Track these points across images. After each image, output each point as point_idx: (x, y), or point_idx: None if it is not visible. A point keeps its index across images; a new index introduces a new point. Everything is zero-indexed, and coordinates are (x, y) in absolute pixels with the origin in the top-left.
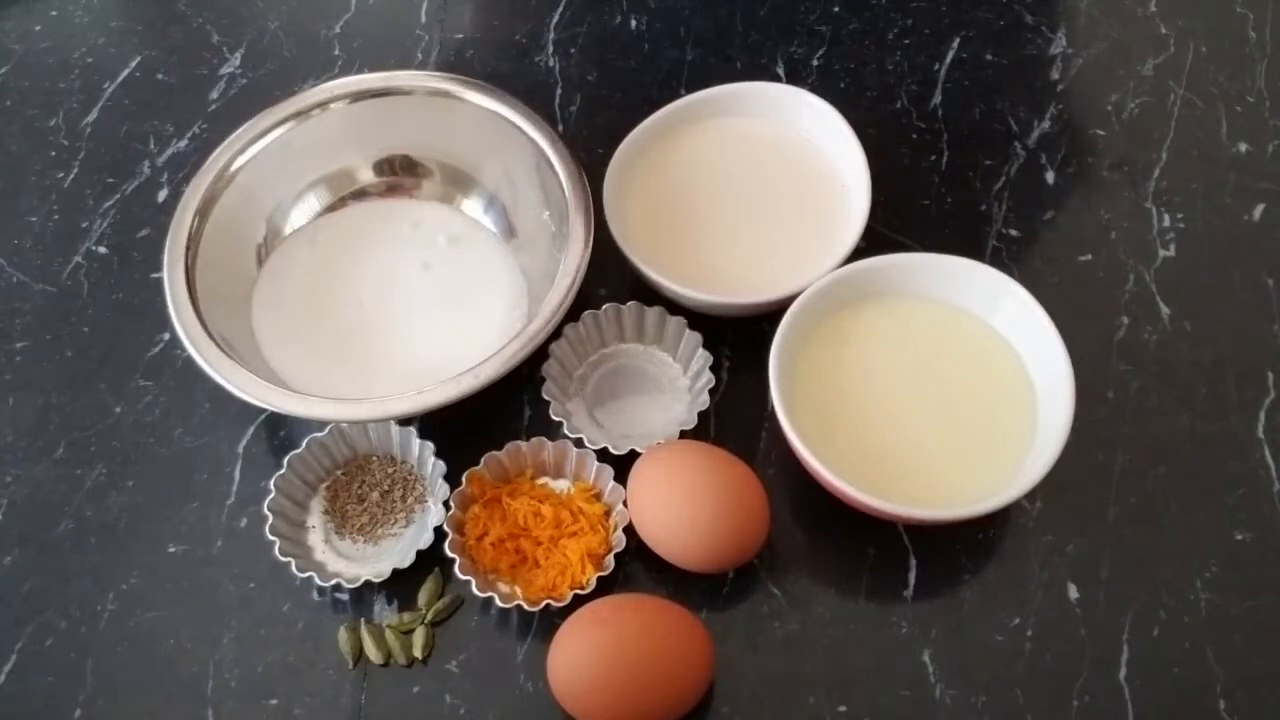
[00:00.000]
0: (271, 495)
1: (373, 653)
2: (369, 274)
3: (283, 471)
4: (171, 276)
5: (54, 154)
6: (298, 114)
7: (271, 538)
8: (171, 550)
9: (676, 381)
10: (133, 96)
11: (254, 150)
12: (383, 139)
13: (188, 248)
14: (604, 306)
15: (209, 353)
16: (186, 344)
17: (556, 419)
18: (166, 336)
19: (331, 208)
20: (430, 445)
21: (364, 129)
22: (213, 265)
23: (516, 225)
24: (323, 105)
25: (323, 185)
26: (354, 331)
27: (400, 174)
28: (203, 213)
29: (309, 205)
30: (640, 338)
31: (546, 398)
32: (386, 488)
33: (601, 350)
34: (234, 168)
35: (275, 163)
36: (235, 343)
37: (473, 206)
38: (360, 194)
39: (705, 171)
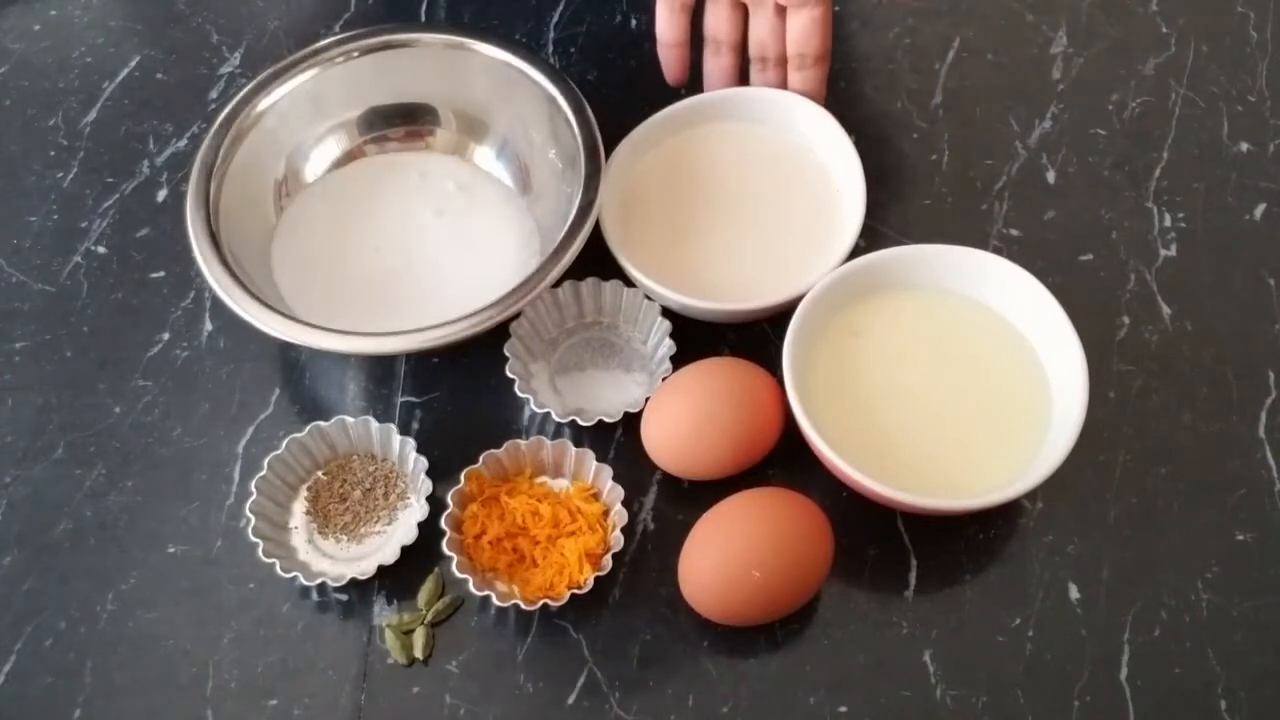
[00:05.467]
0: (253, 497)
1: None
2: (383, 223)
3: (263, 473)
4: (195, 222)
5: (53, 154)
6: (323, 61)
7: (255, 539)
8: (171, 551)
9: (646, 365)
10: (132, 96)
11: (279, 92)
12: (401, 86)
13: (209, 179)
14: (585, 279)
15: (236, 294)
16: (214, 286)
17: (511, 375)
18: (166, 336)
19: (350, 154)
20: (411, 442)
21: (383, 76)
22: (233, 208)
23: (529, 169)
24: (346, 54)
25: (342, 130)
26: (374, 277)
27: (417, 121)
28: (227, 148)
29: (328, 149)
30: (617, 315)
31: (508, 354)
32: (368, 486)
33: (579, 320)
34: (260, 108)
35: (299, 105)
36: (261, 290)
37: (485, 155)
38: (380, 139)
39: (701, 177)
